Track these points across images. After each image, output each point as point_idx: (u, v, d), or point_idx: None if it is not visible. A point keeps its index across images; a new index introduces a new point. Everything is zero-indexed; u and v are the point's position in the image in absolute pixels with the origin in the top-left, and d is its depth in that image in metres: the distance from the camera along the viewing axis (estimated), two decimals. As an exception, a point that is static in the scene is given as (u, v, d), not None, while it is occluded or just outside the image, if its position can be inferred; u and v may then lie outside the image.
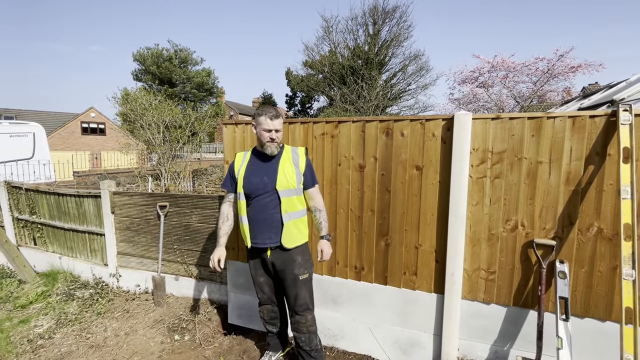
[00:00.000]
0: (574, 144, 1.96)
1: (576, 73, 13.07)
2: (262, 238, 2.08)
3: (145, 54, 21.45)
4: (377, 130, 2.36)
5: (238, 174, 2.13)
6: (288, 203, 2.05)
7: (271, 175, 2.05)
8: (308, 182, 2.14)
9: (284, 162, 2.09)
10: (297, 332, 2.18)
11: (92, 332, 2.99)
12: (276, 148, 2.07)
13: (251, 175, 2.08)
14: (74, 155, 14.57)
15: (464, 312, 2.27)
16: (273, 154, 2.07)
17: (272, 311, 2.32)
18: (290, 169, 2.07)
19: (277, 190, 2.03)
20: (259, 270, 2.22)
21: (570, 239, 2.01)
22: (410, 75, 24.68)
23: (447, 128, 2.19)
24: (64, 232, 4.18)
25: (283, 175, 2.05)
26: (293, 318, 2.20)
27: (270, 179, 2.04)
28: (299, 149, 2.19)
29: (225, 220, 2.22)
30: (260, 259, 2.18)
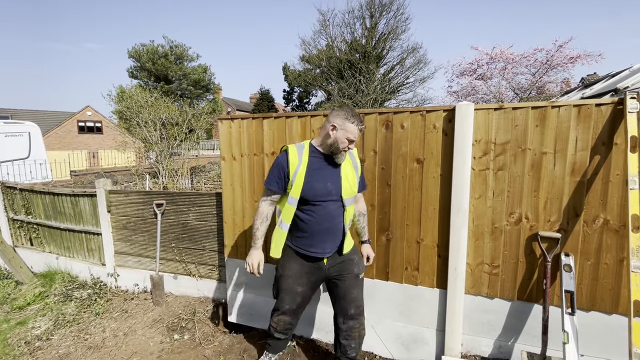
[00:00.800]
0: (580, 134, 1.90)
1: (575, 64, 12.99)
2: (323, 247, 1.91)
3: (141, 50, 21.19)
4: (377, 122, 2.30)
5: (295, 175, 1.83)
6: (350, 211, 1.97)
7: (335, 181, 1.87)
8: (361, 186, 2.04)
9: (345, 167, 1.92)
10: (347, 340, 2.01)
11: (90, 333, 2.95)
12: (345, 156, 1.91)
13: (314, 179, 1.84)
14: (71, 155, 14.45)
15: (467, 307, 2.23)
16: (340, 162, 1.89)
17: (290, 324, 2.10)
18: (352, 174, 1.93)
19: (343, 199, 1.89)
20: (301, 280, 1.97)
21: (575, 231, 1.97)
22: (409, 69, 24.51)
23: (449, 119, 2.13)
24: (60, 232, 4.13)
25: (347, 182, 1.89)
26: (345, 324, 2.00)
27: (335, 186, 1.87)
28: (354, 150, 2.02)
29: (264, 220, 1.98)
30: (309, 268, 1.96)
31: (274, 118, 2.61)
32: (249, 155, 2.74)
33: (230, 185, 2.84)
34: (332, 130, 1.80)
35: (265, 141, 2.66)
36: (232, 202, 2.85)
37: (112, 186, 3.71)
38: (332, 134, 1.80)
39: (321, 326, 2.68)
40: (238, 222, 2.85)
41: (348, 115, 1.79)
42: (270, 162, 2.67)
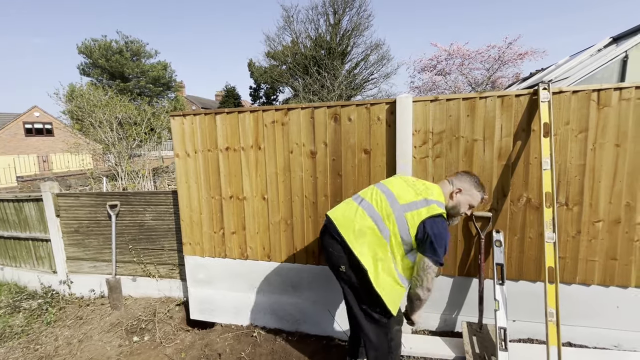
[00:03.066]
0: (504, 122, 2.11)
1: (524, 59, 13.96)
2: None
3: (92, 46, 19.80)
4: (326, 116, 2.40)
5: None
6: None
7: None
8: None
9: None
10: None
11: (41, 343, 2.82)
12: None
13: None
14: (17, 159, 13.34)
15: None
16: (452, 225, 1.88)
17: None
18: None
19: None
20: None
21: (504, 209, 2.18)
22: (373, 65, 25.06)
23: (391, 112, 2.27)
24: (4, 241, 3.86)
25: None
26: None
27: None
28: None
29: None
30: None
31: (226, 113, 2.63)
32: (203, 152, 2.73)
33: (185, 183, 2.82)
34: (459, 194, 1.74)
35: (219, 137, 2.67)
36: (189, 200, 2.84)
37: (59, 189, 3.53)
38: (459, 198, 1.74)
39: (283, 315, 2.75)
40: (195, 219, 2.84)
41: (478, 183, 1.77)
42: (225, 157, 2.68)
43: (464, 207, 1.75)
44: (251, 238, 2.73)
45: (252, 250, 2.76)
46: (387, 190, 1.74)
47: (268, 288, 2.77)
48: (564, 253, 2.13)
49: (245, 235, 2.75)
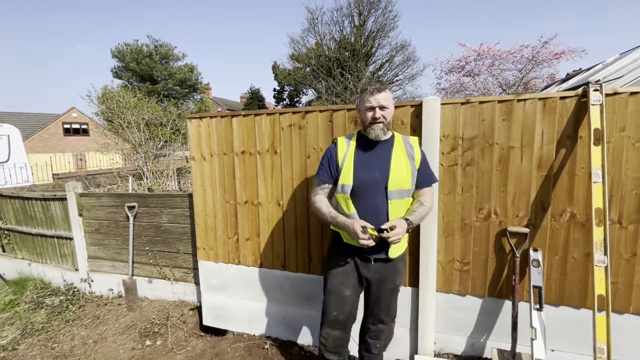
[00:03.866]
0: (546, 127, 1.88)
1: (560, 59, 13.17)
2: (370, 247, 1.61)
3: (124, 50, 20.74)
4: (345, 119, 2.25)
5: (343, 162, 1.70)
6: (398, 208, 1.65)
7: (383, 169, 1.65)
8: (422, 179, 1.71)
9: (397, 154, 1.68)
10: (374, 340, 1.88)
11: (58, 342, 2.85)
12: (382, 131, 1.66)
13: (359, 165, 1.68)
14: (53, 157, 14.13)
15: (439, 305, 2.20)
16: (379, 139, 1.68)
17: (340, 339, 1.82)
18: (405, 165, 1.67)
19: (387, 191, 1.63)
20: (348, 280, 1.77)
21: (543, 225, 1.94)
22: (397, 66, 24.65)
23: (416, 115, 2.09)
24: (32, 238, 4.00)
25: (397, 173, 1.65)
26: (374, 326, 1.87)
27: (382, 175, 1.64)
28: (410, 138, 1.77)
29: (329, 204, 1.74)
30: (356, 270, 1.76)
31: (242, 116, 2.54)
32: (219, 155, 2.66)
33: (201, 186, 2.77)
34: (358, 114, 1.75)
35: (235, 140, 2.59)
36: (204, 203, 2.78)
37: (82, 189, 3.59)
38: (359, 115, 1.74)
39: (297, 327, 2.62)
40: (210, 224, 2.78)
41: (361, 89, 1.72)
42: (240, 161, 2.60)
43: (366, 117, 1.68)
44: (265, 245, 2.63)
45: (266, 258, 2.65)
46: None
47: (282, 298, 2.65)
48: (616, 277, 1.86)
49: (259, 242, 2.65)
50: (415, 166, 1.70)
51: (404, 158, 1.68)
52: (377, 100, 1.62)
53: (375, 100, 1.62)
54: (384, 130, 1.67)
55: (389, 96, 1.66)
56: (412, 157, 1.70)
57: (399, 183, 1.64)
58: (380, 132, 1.66)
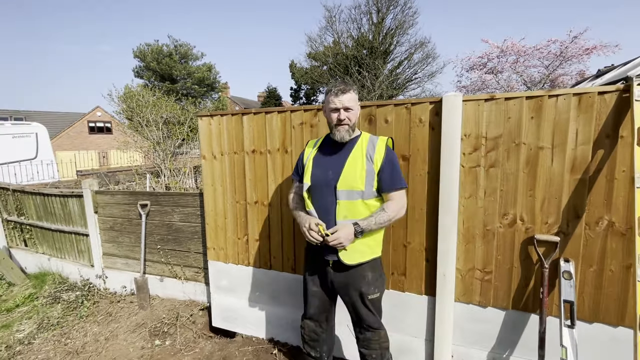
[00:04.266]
0: (581, 126, 1.70)
1: (591, 55, 12.47)
2: (325, 246, 1.65)
3: (145, 50, 21.30)
4: (360, 117, 2.13)
5: (306, 161, 1.78)
6: (348, 208, 1.63)
7: (337, 169, 1.66)
8: (384, 183, 1.64)
9: (355, 154, 1.66)
10: (366, 349, 1.82)
11: (71, 338, 2.89)
12: (347, 133, 1.66)
13: (317, 165, 1.73)
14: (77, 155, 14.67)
15: (458, 315, 2.06)
16: (343, 140, 1.67)
17: (314, 332, 1.92)
18: (361, 164, 1.63)
19: (337, 190, 1.63)
20: (314, 279, 1.85)
21: (576, 234, 1.77)
22: (416, 64, 24.14)
23: (436, 112, 1.95)
24: (51, 233, 4.10)
25: (349, 172, 1.63)
26: (362, 335, 1.83)
27: (335, 174, 1.65)
28: (379, 138, 1.71)
29: (298, 202, 1.84)
30: (320, 269, 1.81)
31: (253, 114, 2.47)
32: (229, 154, 2.61)
33: (211, 186, 2.72)
34: (325, 114, 1.74)
35: (246, 139, 2.52)
36: (214, 203, 2.73)
37: (98, 186, 3.64)
38: (325, 116, 1.73)
39: (305, 333, 2.53)
40: (220, 224, 2.73)
41: (328, 88, 1.69)
42: (250, 160, 2.54)
43: (331, 118, 1.67)
44: (275, 247, 2.55)
45: (276, 260, 2.58)
46: None
47: (292, 302, 2.57)
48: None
49: (269, 244, 2.57)
50: (374, 168, 1.64)
51: (361, 158, 1.65)
52: (341, 101, 1.62)
53: (339, 101, 1.62)
54: (349, 132, 1.67)
55: (354, 97, 1.66)
56: (371, 158, 1.65)
57: (349, 183, 1.62)
58: (346, 133, 1.66)
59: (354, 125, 1.69)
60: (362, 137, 1.73)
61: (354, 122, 1.67)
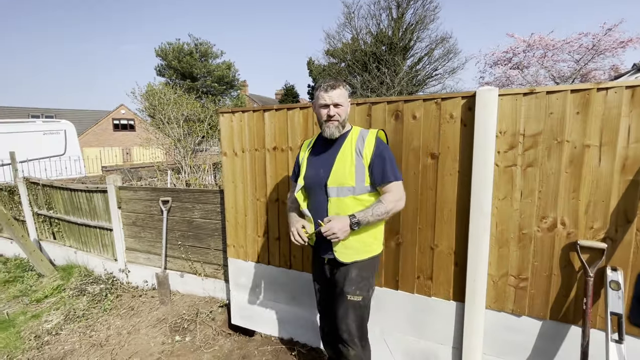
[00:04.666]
0: (634, 122, 1.54)
1: (626, 48, 11.75)
2: (320, 244, 1.70)
3: (167, 49, 21.82)
4: (385, 113, 2.04)
5: (301, 162, 1.79)
6: (339, 205, 1.60)
7: (327, 167, 1.64)
8: (377, 176, 1.59)
9: (345, 150, 1.62)
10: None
11: (96, 330, 2.95)
12: (337, 129, 1.62)
13: (310, 164, 1.73)
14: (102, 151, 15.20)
15: (489, 324, 1.94)
16: (333, 137, 1.64)
17: (322, 330, 1.95)
18: (350, 160, 1.59)
19: (327, 188, 1.61)
20: (317, 279, 1.88)
21: (626, 240, 1.61)
22: (437, 60, 23.57)
23: (468, 107, 1.83)
24: (78, 227, 4.21)
25: (339, 169, 1.60)
26: (338, 348, 1.73)
27: (325, 172, 1.63)
28: (369, 131, 1.66)
29: (293, 202, 1.83)
30: (320, 268, 1.82)
31: (275, 110, 2.42)
32: (250, 151, 2.57)
33: (232, 183, 2.70)
34: (314, 111, 1.73)
35: (267, 135, 2.48)
36: (234, 200, 2.71)
37: (121, 182, 3.70)
38: (315, 112, 1.73)
39: (325, 335, 2.47)
40: (240, 221, 2.71)
41: (317, 85, 1.66)
42: (272, 157, 2.49)
43: (321, 114, 1.65)
44: (296, 246, 2.50)
45: (296, 259, 2.53)
46: None
47: (312, 302, 2.51)
48: None
49: (289, 243, 2.52)
50: (364, 162, 1.60)
51: (350, 154, 1.62)
52: (330, 97, 1.59)
53: (329, 97, 1.59)
54: (339, 128, 1.64)
55: (343, 93, 1.62)
56: (360, 152, 1.61)
57: (339, 179, 1.60)
58: (335, 129, 1.63)
59: (344, 121, 1.65)
60: (352, 132, 1.69)
61: (344, 118, 1.64)
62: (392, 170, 1.59)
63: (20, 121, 10.71)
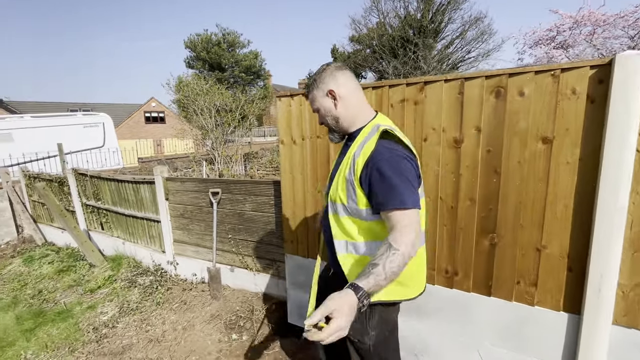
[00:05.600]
0: None
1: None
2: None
3: (196, 40, 21.97)
4: (483, 90, 1.73)
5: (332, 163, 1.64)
6: (336, 224, 1.25)
7: (334, 173, 1.33)
8: (376, 197, 1.10)
9: (347, 155, 1.23)
10: None
11: (151, 324, 2.89)
12: (333, 135, 1.33)
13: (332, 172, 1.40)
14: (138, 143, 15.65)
15: (614, 342, 1.62)
16: (334, 142, 1.37)
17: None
18: (343, 173, 1.22)
19: (328, 200, 1.31)
20: None
21: None
22: (470, 42, 22.29)
23: (598, 80, 1.48)
24: (125, 218, 4.21)
25: (336, 178, 1.26)
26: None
27: (330, 180, 1.35)
28: (379, 129, 1.15)
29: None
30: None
31: (342, 92, 2.16)
32: (311, 138, 2.34)
33: (290, 174, 2.49)
34: None
35: (331, 120, 2.23)
36: (292, 193, 2.50)
37: (169, 173, 3.61)
38: None
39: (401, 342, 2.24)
40: (299, 215, 2.50)
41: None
42: (336, 145, 2.24)
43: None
44: (363, 243, 2.26)
45: (363, 258, 2.29)
46: None
47: (381, 305, 2.28)
48: None
49: (356, 240, 2.29)
50: (354, 175, 1.15)
51: (346, 161, 1.22)
52: (311, 105, 1.33)
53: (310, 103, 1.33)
54: (334, 135, 1.33)
55: (315, 96, 1.28)
56: (354, 162, 1.16)
57: (334, 193, 1.26)
58: (332, 136, 1.34)
59: (335, 125, 1.28)
60: (363, 131, 1.23)
61: (331, 123, 1.28)
62: (393, 192, 1.05)
63: (63, 115, 11.11)
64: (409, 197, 1.04)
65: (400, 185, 1.05)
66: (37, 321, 3.15)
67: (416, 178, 1.14)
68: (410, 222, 1.04)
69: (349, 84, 1.25)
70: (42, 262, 4.60)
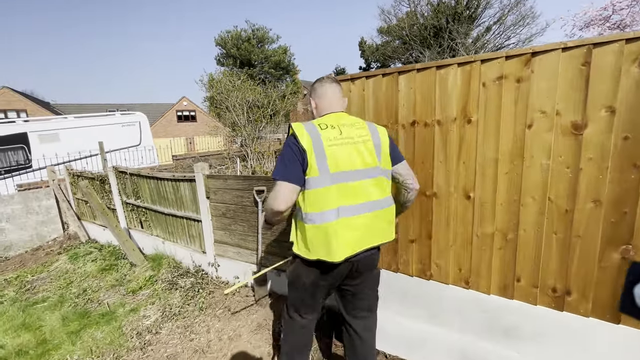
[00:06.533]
0: None
1: None
2: None
3: (226, 37, 22.08)
4: (622, 58, 1.32)
5: None
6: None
7: None
8: None
9: None
10: None
11: (195, 332, 2.70)
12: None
13: None
14: (172, 141, 16.02)
15: None
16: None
17: None
18: None
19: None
20: None
21: None
22: (509, 27, 20.85)
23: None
24: (165, 217, 4.11)
25: None
26: None
27: None
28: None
29: None
30: None
31: (417, 71, 1.81)
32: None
33: (347, 169, 2.18)
34: None
35: (401, 106, 1.89)
36: (350, 191, 2.19)
37: (209, 170, 3.42)
38: None
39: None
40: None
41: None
42: (408, 136, 1.91)
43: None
44: (440, 252, 1.92)
45: (439, 269, 1.95)
46: None
47: (460, 325, 1.93)
48: None
49: (430, 247, 1.95)
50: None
51: None
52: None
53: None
54: None
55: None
56: None
57: None
58: None
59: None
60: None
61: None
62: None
63: (103, 114, 11.47)
64: (279, 170, 1.42)
65: (280, 161, 1.43)
66: (82, 322, 3.08)
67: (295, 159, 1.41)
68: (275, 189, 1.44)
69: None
70: (86, 260, 4.63)
